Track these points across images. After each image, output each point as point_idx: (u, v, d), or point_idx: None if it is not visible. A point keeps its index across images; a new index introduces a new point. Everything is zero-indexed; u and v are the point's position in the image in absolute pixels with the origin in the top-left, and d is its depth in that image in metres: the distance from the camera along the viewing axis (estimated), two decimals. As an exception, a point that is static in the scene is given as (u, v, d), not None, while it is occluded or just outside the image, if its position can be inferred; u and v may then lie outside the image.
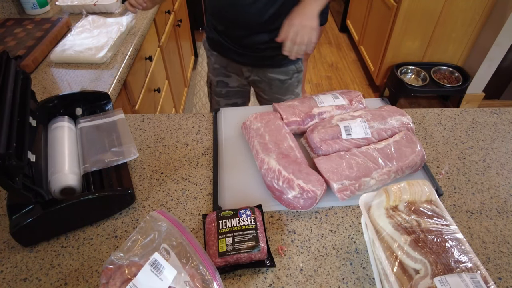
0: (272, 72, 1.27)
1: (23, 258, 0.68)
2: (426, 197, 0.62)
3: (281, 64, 1.25)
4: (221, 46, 1.24)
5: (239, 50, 1.20)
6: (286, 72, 1.27)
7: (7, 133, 0.60)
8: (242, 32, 1.15)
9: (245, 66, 1.27)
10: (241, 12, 1.08)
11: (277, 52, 1.18)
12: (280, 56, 1.20)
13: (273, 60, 1.23)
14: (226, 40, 1.21)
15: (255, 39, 1.16)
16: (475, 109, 1.06)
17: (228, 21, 1.15)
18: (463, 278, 0.50)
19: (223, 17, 1.16)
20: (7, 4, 1.50)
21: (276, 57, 1.19)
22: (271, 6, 1.06)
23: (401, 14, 2.32)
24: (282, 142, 0.82)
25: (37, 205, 0.66)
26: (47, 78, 1.17)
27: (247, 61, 1.25)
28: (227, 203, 0.78)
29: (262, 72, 1.27)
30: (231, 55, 1.25)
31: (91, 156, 0.79)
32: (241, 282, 0.65)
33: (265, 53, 1.20)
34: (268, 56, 1.21)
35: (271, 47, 1.16)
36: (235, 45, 1.21)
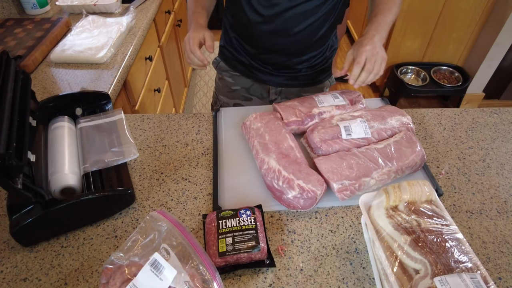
0: (306, 91, 1.16)
1: (23, 258, 0.68)
2: (426, 197, 0.62)
3: (316, 81, 1.15)
4: (248, 67, 1.11)
5: (270, 71, 1.09)
6: (321, 89, 1.18)
7: (7, 133, 0.60)
8: (282, 57, 1.05)
9: (275, 87, 1.15)
10: (286, 40, 0.98)
11: (314, 69, 1.11)
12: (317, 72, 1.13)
13: (308, 78, 1.13)
14: (256, 62, 1.09)
15: (295, 61, 1.06)
16: (475, 109, 1.06)
17: (266, 47, 1.02)
18: (463, 278, 0.50)
19: (259, 42, 1.03)
20: (7, 4, 1.50)
21: (312, 74, 1.12)
22: (320, 29, 0.98)
23: (401, 14, 2.32)
24: (282, 142, 0.82)
25: (37, 205, 0.66)
26: (47, 78, 1.17)
27: (278, 82, 1.13)
28: (227, 203, 0.78)
29: (295, 92, 1.17)
30: (259, 76, 1.12)
31: (91, 156, 0.79)
32: (241, 282, 0.65)
33: (301, 72, 1.10)
34: (304, 75, 1.11)
35: (310, 65, 1.09)
36: (266, 67, 1.09)
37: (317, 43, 1.02)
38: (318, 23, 0.96)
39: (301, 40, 0.98)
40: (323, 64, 1.12)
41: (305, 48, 1.02)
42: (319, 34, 0.99)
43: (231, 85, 1.19)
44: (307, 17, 0.93)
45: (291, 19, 0.93)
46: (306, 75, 1.11)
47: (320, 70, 1.13)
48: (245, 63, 1.10)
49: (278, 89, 1.16)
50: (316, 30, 0.97)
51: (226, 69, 1.17)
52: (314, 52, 1.05)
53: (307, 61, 1.07)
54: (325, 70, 1.15)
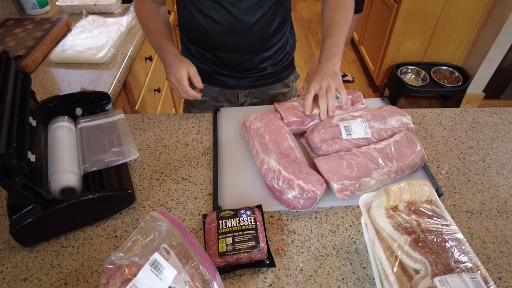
0: (274, 89, 1.17)
1: (23, 258, 0.68)
2: (426, 197, 0.62)
3: (283, 76, 1.17)
4: (212, 76, 1.11)
5: (236, 74, 1.09)
6: (287, 84, 1.20)
7: (7, 133, 0.60)
8: (243, 57, 1.04)
9: (243, 90, 1.15)
10: (242, 36, 0.97)
11: (279, 66, 1.12)
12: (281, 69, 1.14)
13: (274, 75, 1.14)
14: (221, 68, 1.09)
15: (256, 59, 1.06)
16: (475, 109, 1.06)
17: (225, 49, 1.02)
18: (463, 278, 0.50)
19: (218, 47, 1.02)
20: (7, 4, 1.50)
21: (278, 71, 1.13)
22: (273, 21, 0.98)
23: (401, 14, 2.32)
24: (282, 142, 0.82)
25: (37, 205, 0.66)
26: (47, 78, 1.17)
27: (245, 84, 1.13)
28: (227, 203, 0.78)
29: (263, 91, 1.17)
30: (225, 82, 1.12)
31: (91, 156, 0.79)
32: (241, 282, 0.65)
33: (266, 71, 1.11)
34: (270, 73, 1.12)
35: (274, 63, 1.10)
36: (231, 71, 1.09)
37: (273, 37, 1.03)
38: (269, 15, 0.97)
39: (256, 35, 0.99)
40: (285, 59, 1.14)
41: (262, 43, 1.03)
42: (272, 27, 1.00)
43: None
44: (255, 10, 0.94)
45: (240, 14, 0.93)
46: (272, 72, 1.13)
47: (284, 66, 1.15)
48: (209, 71, 1.10)
49: (247, 91, 1.16)
50: (269, 22, 0.98)
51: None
52: (275, 48, 1.06)
53: (270, 58, 1.08)
54: (289, 65, 1.18)
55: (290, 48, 1.14)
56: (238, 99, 1.18)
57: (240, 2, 0.91)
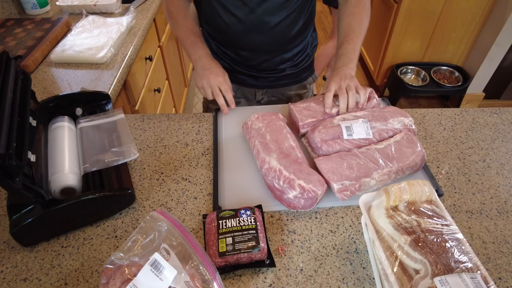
0: (291, 90, 1.18)
1: (23, 258, 0.68)
2: (426, 197, 0.62)
3: (301, 78, 1.17)
4: (231, 73, 1.09)
5: (255, 74, 1.10)
6: (305, 86, 1.21)
7: (7, 133, 0.60)
8: (263, 56, 1.05)
9: (260, 89, 1.17)
10: (264, 36, 0.98)
11: (298, 67, 1.12)
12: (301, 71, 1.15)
13: (293, 77, 1.15)
14: (240, 66, 1.10)
15: (276, 60, 1.06)
16: (475, 109, 1.06)
17: (246, 48, 1.03)
18: (463, 278, 0.50)
19: (239, 45, 1.04)
20: (7, 4, 1.50)
21: (296, 72, 1.13)
22: (296, 23, 0.98)
23: (401, 14, 2.32)
24: (283, 142, 0.82)
25: (37, 205, 0.66)
26: (47, 78, 1.17)
27: (263, 84, 1.14)
28: (227, 203, 0.78)
29: (280, 91, 1.18)
30: (244, 80, 1.13)
31: (91, 156, 0.79)
32: (241, 282, 0.65)
33: (285, 72, 1.11)
34: (289, 74, 1.13)
35: (293, 64, 1.10)
36: (251, 70, 1.10)
37: (295, 39, 1.03)
38: (292, 17, 0.96)
39: (278, 36, 0.99)
40: (305, 61, 1.14)
41: (284, 44, 1.03)
42: (295, 29, 1.00)
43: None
44: (279, 11, 0.94)
45: (264, 14, 0.94)
46: (291, 74, 1.13)
47: (304, 68, 1.15)
48: (229, 68, 1.10)
49: (264, 90, 1.18)
50: (292, 24, 0.98)
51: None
52: (295, 50, 1.06)
53: (290, 59, 1.08)
54: (308, 67, 1.17)
55: (311, 51, 1.14)
56: (255, 97, 1.20)
57: (266, 2, 0.92)
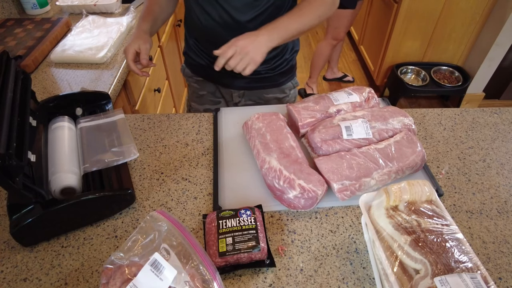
0: (268, 93, 1.17)
1: (23, 258, 0.68)
2: (426, 197, 0.62)
3: (278, 83, 1.16)
4: (208, 71, 1.09)
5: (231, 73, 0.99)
6: (283, 90, 1.19)
7: (7, 133, 0.60)
8: None
9: (237, 90, 1.16)
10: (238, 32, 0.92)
11: (275, 71, 1.11)
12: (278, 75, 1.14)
13: (270, 80, 1.13)
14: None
15: None
16: (475, 109, 1.06)
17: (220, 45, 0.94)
18: (463, 278, 0.50)
19: (214, 40, 0.99)
20: (7, 4, 1.50)
21: (273, 77, 1.12)
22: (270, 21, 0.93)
23: (401, 14, 2.32)
24: (283, 141, 0.82)
25: (37, 205, 0.66)
26: (47, 78, 1.17)
27: (239, 85, 1.13)
28: (227, 203, 0.78)
29: (257, 94, 1.17)
30: (219, 80, 1.12)
31: (91, 156, 0.79)
32: (241, 282, 0.65)
33: (262, 75, 1.10)
34: (265, 77, 1.11)
35: (270, 68, 1.09)
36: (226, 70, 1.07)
37: None
38: (264, 17, 0.95)
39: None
40: (283, 66, 1.12)
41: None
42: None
43: (198, 90, 1.22)
44: (247, 10, 0.94)
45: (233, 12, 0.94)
46: (267, 77, 1.12)
47: (281, 73, 1.13)
48: (206, 66, 1.10)
49: (241, 92, 1.16)
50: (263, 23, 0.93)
51: (190, 75, 1.20)
52: (272, 53, 1.04)
53: (266, 63, 1.05)
54: (287, 72, 1.15)
55: (290, 55, 1.12)
56: (232, 98, 1.19)
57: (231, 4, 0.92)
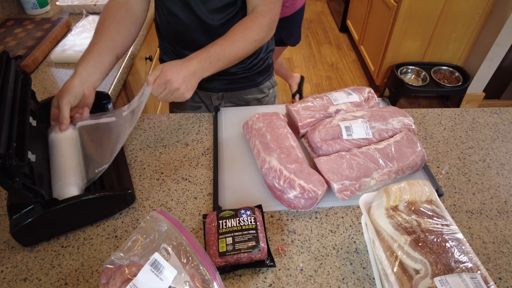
0: (247, 94, 1.16)
1: (23, 258, 0.68)
2: (426, 197, 0.62)
3: (256, 83, 1.15)
4: None
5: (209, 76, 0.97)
6: (262, 90, 1.18)
7: (7, 133, 0.60)
8: None
9: (215, 93, 1.15)
10: (210, 34, 0.94)
11: (251, 71, 1.11)
12: (255, 74, 1.13)
13: (247, 80, 1.13)
14: None
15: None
16: (475, 109, 1.06)
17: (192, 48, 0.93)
18: (463, 278, 0.50)
19: (185, 45, 1.01)
20: (7, 4, 1.50)
21: (250, 76, 1.12)
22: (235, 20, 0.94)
23: (401, 14, 2.32)
24: (283, 141, 0.82)
25: (37, 205, 0.66)
26: (47, 78, 1.17)
27: (217, 87, 1.13)
28: (227, 203, 0.78)
29: (236, 95, 1.16)
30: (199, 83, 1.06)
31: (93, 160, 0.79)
32: (241, 282, 0.65)
33: (238, 75, 1.10)
34: (242, 77, 1.11)
35: (246, 68, 1.08)
36: None
37: None
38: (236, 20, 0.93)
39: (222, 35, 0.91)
40: (260, 65, 1.12)
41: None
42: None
43: None
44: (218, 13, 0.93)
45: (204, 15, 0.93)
46: (244, 77, 1.11)
47: (258, 72, 1.13)
48: None
49: (220, 94, 1.16)
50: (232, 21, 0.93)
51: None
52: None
53: (242, 63, 1.04)
54: (263, 71, 1.15)
55: (265, 54, 1.12)
56: (211, 101, 1.18)
57: (206, 4, 0.91)
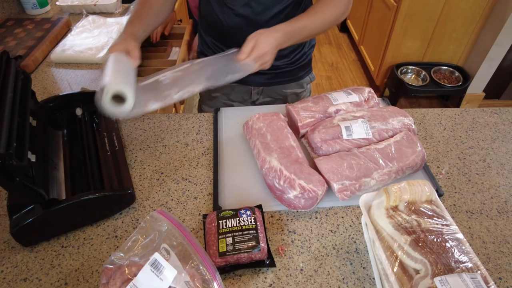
0: (287, 88, 1.17)
1: (23, 258, 0.68)
2: (426, 197, 0.62)
3: (298, 77, 1.16)
4: None
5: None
6: (301, 84, 1.19)
7: (7, 133, 0.60)
8: None
9: (256, 87, 1.15)
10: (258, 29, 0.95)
11: (294, 65, 1.11)
12: (297, 69, 1.13)
13: (289, 75, 1.13)
14: None
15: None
16: (476, 109, 1.06)
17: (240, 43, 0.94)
18: (464, 278, 0.50)
19: (233, 39, 0.99)
20: (7, 4, 1.50)
21: (292, 71, 1.12)
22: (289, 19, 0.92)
23: (401, 14, 2.32)
24: (283, 141, 0.82)
25: (37, 205, 0.66)
26: (47, 78, 1.17)
27: (259, 81, 1.12)
28: (227, 203, 0.78)
29: (276, 89, 1.17)
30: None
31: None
32: (241, 282, 0.65)
33: (281, 69, 1.10)
34: (285, 71, 1.11)
35: (290, 62, 1.09)
36: None
37: None
38: (287, 11, 0.95)
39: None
40: (302, 60, 1.13)
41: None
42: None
43: (212, 92, 1.19)
44: (273, 5, 0.93)
45: (257, 7, 0.93)
46: (287, 71, 1.12)
47: (300, 66, 1.14)
48: None
49: (260, 89, 1.16)
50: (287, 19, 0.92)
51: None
52: (292, 47, 1.04)
53: (286, 56, 1.06)
54: (305, 66, 1.16)
55: (308, 49, 1.13)
56: (250, 96, 1.18)
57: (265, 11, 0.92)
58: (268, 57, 0.84)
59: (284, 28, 0.86)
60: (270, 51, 0.84)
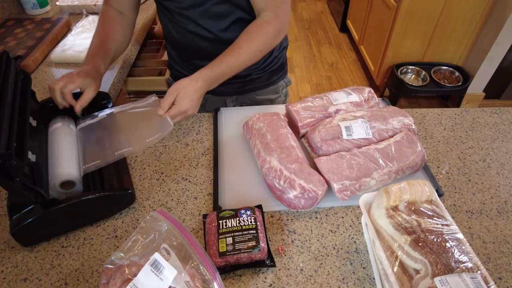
0: (260, 94, 1.14)
1: (24, 258, 0.68)
2: (426, 197, 0.62)
3: (270, 82, 1.13)
4: None
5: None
6: (276, 90, 1.16)
7: (7, 133, 0.60)
8: None
9: (229, 96, 1.13)
10: (214, 42, 0.94)
11: (265, 71, 1.08)
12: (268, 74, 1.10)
13: (261, 81, 1.10)
14: None
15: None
16: (476, 109, 1.06)
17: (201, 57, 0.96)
18: (464, 278, 0.50)
19: (194, 54, 1.01)
20: (8, 4, 1.50)
21: (264, 76, 1.09)
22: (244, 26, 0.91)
23: (401, 14, 2.32)
24: (283, 141, 0.82)
25: (37, 205, 0.66)
26: (47, 78, 1.17)
27: (231, 91, 1.10)
28: (228, 203, 0.78)
29: (249, 97, 1.14)
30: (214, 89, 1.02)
31: (93, 152, 0.79)
32: (241, 282, 0.65)
33: (252, 76, 1.08)
34: (256, 78, 1.09)
35: (259, 68, 1.07)
36: None
37: None
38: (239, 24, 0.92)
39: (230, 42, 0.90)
40: (274, 64, 1.10)
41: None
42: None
43: None
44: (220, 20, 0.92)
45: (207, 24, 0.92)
46: (258, 78, 1.09)
47: (272, 71, 1.11)
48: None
49: (233, 97, 1.14)
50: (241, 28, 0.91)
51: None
52: None
53: (255, 63, 0.99)
54: (278, 70, 1.13)
55: (279, 52, 1.10)
56: (225, 104, 1.16)
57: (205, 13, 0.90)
58: (190, 112, 0.84)
59: (205, 75, 0.85)
60: (192, 107, 0.83)
